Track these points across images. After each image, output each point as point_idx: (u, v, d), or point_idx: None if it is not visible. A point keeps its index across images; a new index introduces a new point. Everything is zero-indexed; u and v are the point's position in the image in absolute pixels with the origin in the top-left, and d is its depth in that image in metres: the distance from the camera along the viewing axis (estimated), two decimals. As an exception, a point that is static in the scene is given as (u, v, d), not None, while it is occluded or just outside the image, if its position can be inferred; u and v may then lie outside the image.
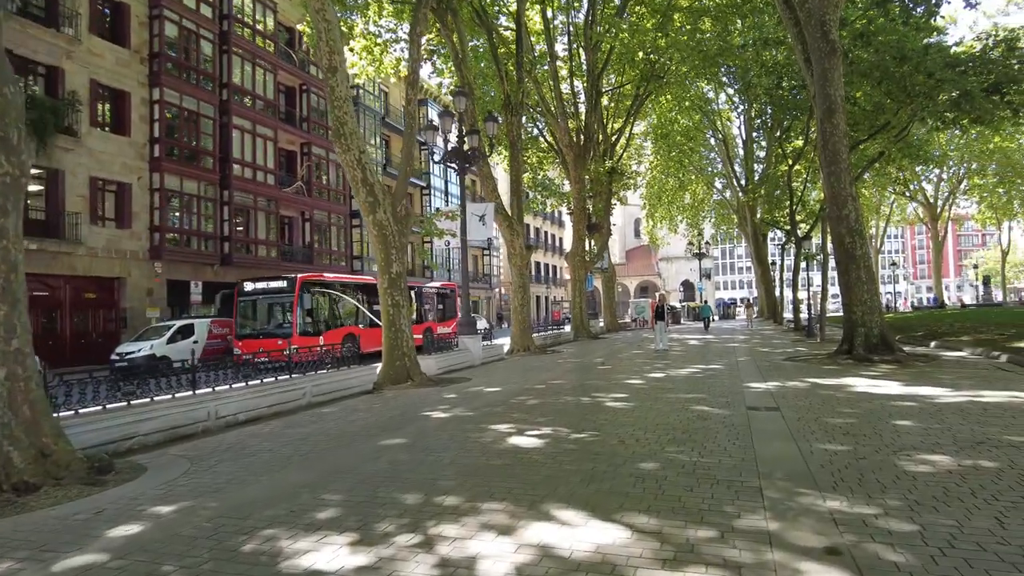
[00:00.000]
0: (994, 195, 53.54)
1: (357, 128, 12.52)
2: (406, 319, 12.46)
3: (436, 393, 10.49)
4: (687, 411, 7.64)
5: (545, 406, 8.40)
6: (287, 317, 17.08)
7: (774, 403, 8.11)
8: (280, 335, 16.35)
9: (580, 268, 27.55)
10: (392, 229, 12.54)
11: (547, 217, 67.41)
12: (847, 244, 13.51)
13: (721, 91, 40.29)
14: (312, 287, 17.96)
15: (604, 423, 6.97)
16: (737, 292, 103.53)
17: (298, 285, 17.09)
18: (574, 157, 26.43)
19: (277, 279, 18.09)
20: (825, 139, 13.73)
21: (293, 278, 17.49)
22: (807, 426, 6.51)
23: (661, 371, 12.50)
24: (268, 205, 28.96)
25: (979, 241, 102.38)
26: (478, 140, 16.58)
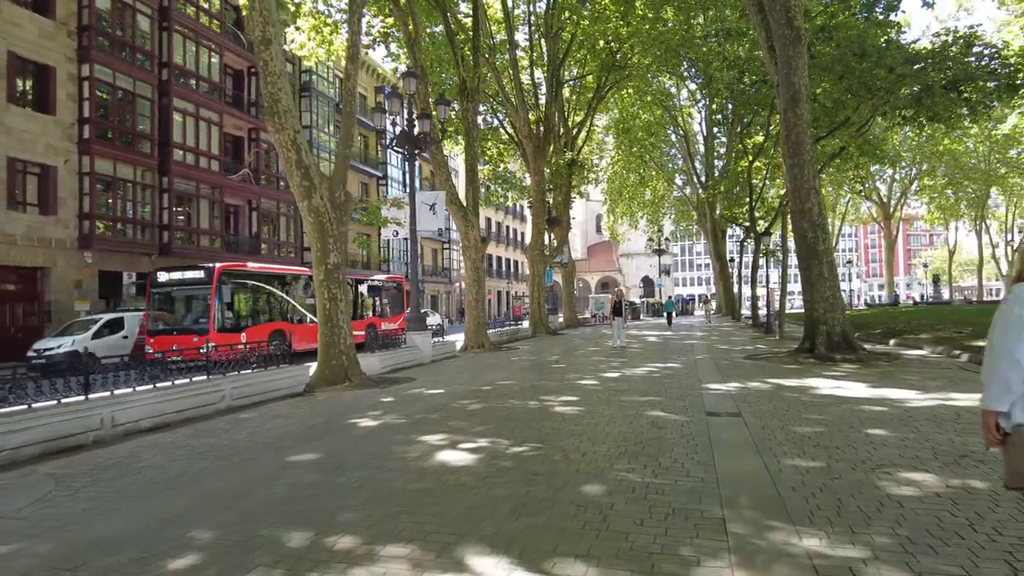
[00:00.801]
0: (943, 196, 54.94)
1: (293, 106, 11.50)
2: (344, 314, 11.51)
3: (373, 396, 9.60)
4: (641, 417, 6.93)
5: (488, 412, 7.60)
6: (204, 311, 15.47)
7: (735, 407, 7.48)
8: (196, 331, 14.89)
9: (539, 262, 26.84)
10: (329, 216, 11.56)
11: (508, 211, 66.64)
12: (809, 239, 13.06)
13: (683, 86, 40.19)
14: (233, 278, 16.34)
15: (549, 432, 6.20)
16: (696, 289, 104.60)
17: (216, 275, 15.41)
18: (533, 148, 25.68)
19: (193, 268, 16.37)
20: (788, 129, 13.24)
21: (211, 267, 15.82)
22: (773, 435, 5.86)
23: (616, 370, 11.83)
24: (212, 193, 27.43)
25: (927, 241, 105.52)
26: (430, 125, 15.68)
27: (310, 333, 16.15)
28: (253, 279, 17.42)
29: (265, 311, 17.73)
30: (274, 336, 16.28)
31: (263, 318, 17.40)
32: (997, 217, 65.85)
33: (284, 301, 18.17)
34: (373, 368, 12.87)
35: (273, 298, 17.96)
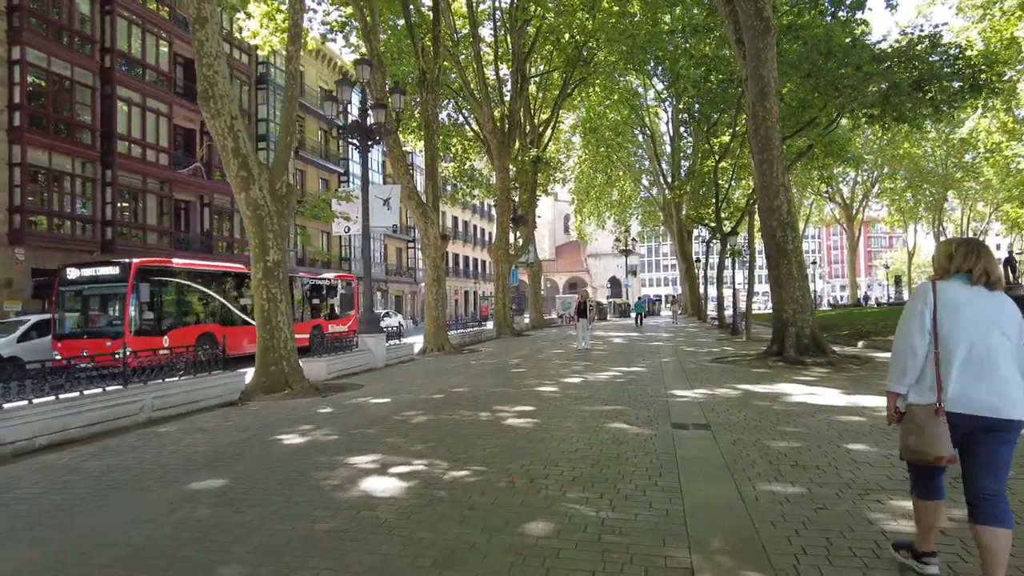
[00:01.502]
0: (902, 199, 55.96)
1: (230, 90, 10.59)
2: (285, 316, 10.63)
3: (311, 406, 8.76)
4: (601, 431, 6.26)
5: (432, 426, 6.84)
6: (119, 312, 14.05)
7: (703, 418, 6.87)
8: (110, 334, 13.56)
9: (504, 261, 26.14)
10: (269, 209, 10.68)
11: (476, 210, 65.88)
12: (778, 237, 12.61)
13: (650, 86, 39.95)
14: (153, 275, 14.82)
15: (497, 452, 5.48)
16: (662, 289, 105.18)
17: (133, 272, 13.94)
18: (498, 144, 24.98)
19: (107, 264, 14.79)
20: (757, 124, 12.77)
21: (127, 263, 14.27)
22: (745, 453, 5.24)
23: (579, 375, 11.18)
24: (161, 188, 26.09)
25: (887, 243, 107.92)
26: (385, 116, 14.84)
27: (247, 336, 15.02)
28: (178, 276, 15.90)
29: (192, 312, 16.26)
30: (203, 340, 15.00)
31: (190, 320, 15.97)
32: (953, 220, 67.46)
33: (216, 301, 16.74)
34: (319, 374, 11.99)
35: (202, 298, 16.52)
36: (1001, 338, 2.55)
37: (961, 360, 2.56)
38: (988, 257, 2.67)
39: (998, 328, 2.56)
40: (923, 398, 2.63)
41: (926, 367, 2.63)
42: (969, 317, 2.57)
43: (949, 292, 2.64)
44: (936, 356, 2.60)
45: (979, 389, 2.53)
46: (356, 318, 21.84)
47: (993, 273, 2.65)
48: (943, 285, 2.68)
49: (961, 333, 2.57)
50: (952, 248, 2.75)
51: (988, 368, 2.53)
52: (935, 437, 2.56)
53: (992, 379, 2.52)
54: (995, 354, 2.53)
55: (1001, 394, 2.51)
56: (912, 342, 2.64)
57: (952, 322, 2.59)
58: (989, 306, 2.60)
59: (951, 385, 2.56)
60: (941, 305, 2.62)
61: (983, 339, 2.55)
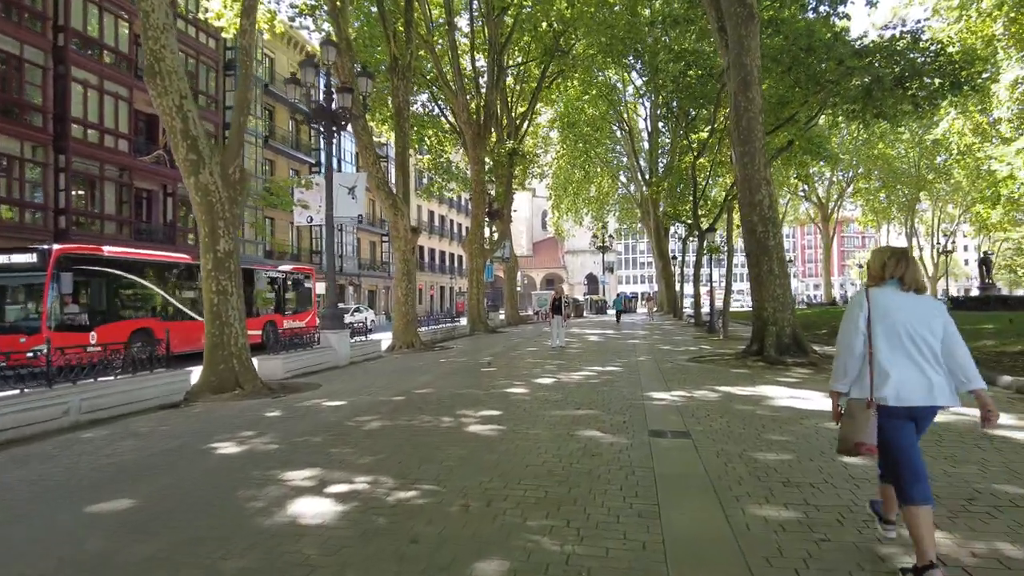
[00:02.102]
0: (876, 199, 56.51)
1: (180, 66, 9.79)
2: (236, 310, 9.89)
3: (260, 408, 8.06)
4: (572, 440, 5.68)
5: (387, 433, 6.20)
6: (36, 305, 12.55)
7: (683, 424, 6.33)
8: (24, 330, 12.07)
9: (478, 256, 25.49)
10: (220, 196, 9.92)
11: (453, 204, 65.09)
12: (759, 233, 12.16)
13: (629, 82, 39.57)
14: (78, 264, 13.20)
15: (454, 465, 4.86)
16: (639, 286, 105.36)
17: (53, 260, 12.39)
18: (473, 136, 24.30)
19: (22, 251, 13.10)
20: (739, 115, 12.29)
21: (45, 250, 12.73)
22: (731, 467, 4.70)
23: (552, 375, 10.60)
24: (120, 175, 24.96)
25: (860, 243, 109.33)
26: (352, 101, 14.12)
27: (194, 332, 14.00)
28: (110, 266, 14.25)
29: (127, 306, 14.83)
30: (138, 336, 13.91)
31: (124, 314, 14.53)
32: (924, 221, 68.41)
33: (155, 294, 15.50)
34: (275, 373, 11.27)
35: (139, 291, 15.20)
36: (927, 336, 2.83)
37: (896, 357, 2.84)
38: (915, 265, 2.97)
39: (924, 326, 2.84)
40: (862, 393, 2.91)
41: (864, 366, 2.91)
42: (901, 319, 2.85)
43: (882, 297, 2.93)
44: (871, 355, 2.87)
45: (912, 381, 2.81)
46: (315, 313, 20.90)
47: (919, 280, 2.95)
48: (876, 291, 2.97)
49: (893, 334, 2.85)
50: (885, 257, 3.00)
51: (918, 362, 2.82)
52: (863, 427, 2.87)
53: (921, 372, 2.81)
54: (922, 350, 2.83)
55: (930, 384, 2.80)
56: (851, 344, 2.93)
57: (885, 324, 2.87)
58: (917, 308, 2.87)
59: (888, 380, 2.82)
60: (874, 309, 2.91)
61: (912, 339, 2.83)
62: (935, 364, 2.84)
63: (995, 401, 6.26)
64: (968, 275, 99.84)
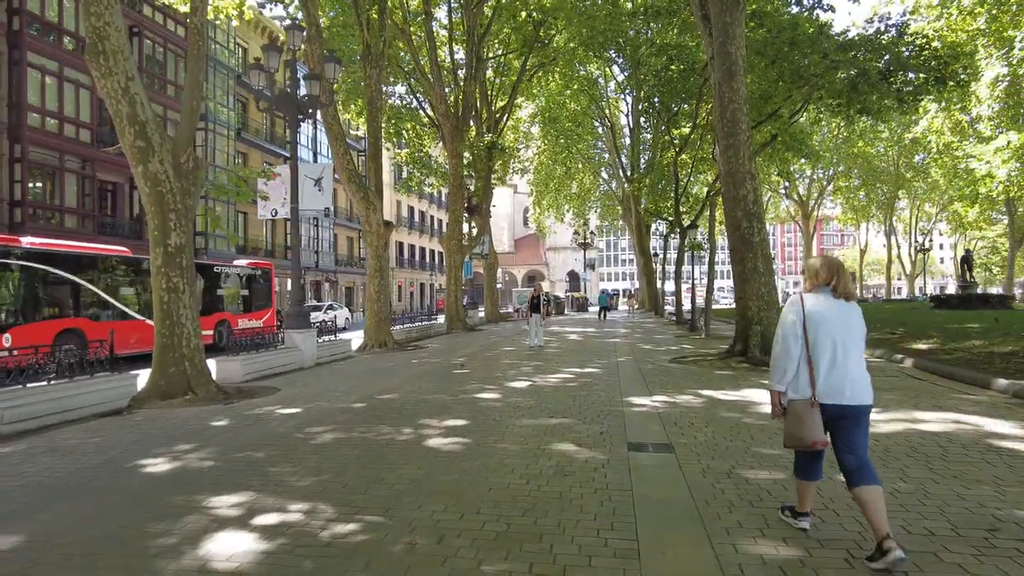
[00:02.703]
0: (855, 197, 56.80)
1: (125, 45, 9.07)
2: (188, 309, 9.20)
3: (208, 416, 7.40)
4: (543, 456, 5.12)
5: (337, 447, 5.60)
6: None
7: (665, 435, 5.80)
8: None
9: (457, 252, 24.86)
10: (172, 186, 9.21)
11: (433, 200, 64.35)
12: (743, 229, 11.69)
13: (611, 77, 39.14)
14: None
15: (405, 490, 4.28)
16: (620, 284, 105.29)
17: None
18: (451, 128, 23.65)
19: None
20: (723, 106, 11.81)
21: None
22: (719, 489, 4.17)
23: (527, 377, 10.04)
24: (82, 167, 23.99)
25: (839, 240, 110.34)
26: (320, 88, 13.44)
27: (134, 333, 13.11)
28: (28, 260, 12.76)
29: (51, 304, 13.48)
30: (65, 337, 12.70)
31: (48, 313, 13.21)
32: (902, 220, 68.99)
33: (87, 291, 14.00)
34: (234, 375, 10.60)
35: (66, 287, 13.77)
36: (853, 340, 3.09)
37: (827, 360, 3.05)
38: (845, 273, 3.19)
39: (850, 333, 3.09)
40: (800, 394, 3.11)
41: (800, 367, 3.11)
42: (831, 324, 3.07)
43: (816, 304, 3.14)
44: (808, 358, 3.08)
45: (840, 383, 3.03)
46: (274, 312, 20.07)
47: (849, 289, 3.18)
48: (809, 297, 3.18)
49: (825, 338, 3.06)
50: (819, 265, 3.22)
51: (845, 366, 3.05)
52: (811, 426, 3.04)
53: (848, 375, 3.04)
54: (850, 355, 3.06)
55: (855, 387, 3.05)
56: (788, 348, 3.13)
57: (817, 329, 3.08)
58: (844, 315, 3.12)
59: (820, 381, 3.05)
60: (808, 315, 3.11)
61: (841, 342, 3.06)
62: (860, 366, 3.11)
63: (993, 407, 6.33)
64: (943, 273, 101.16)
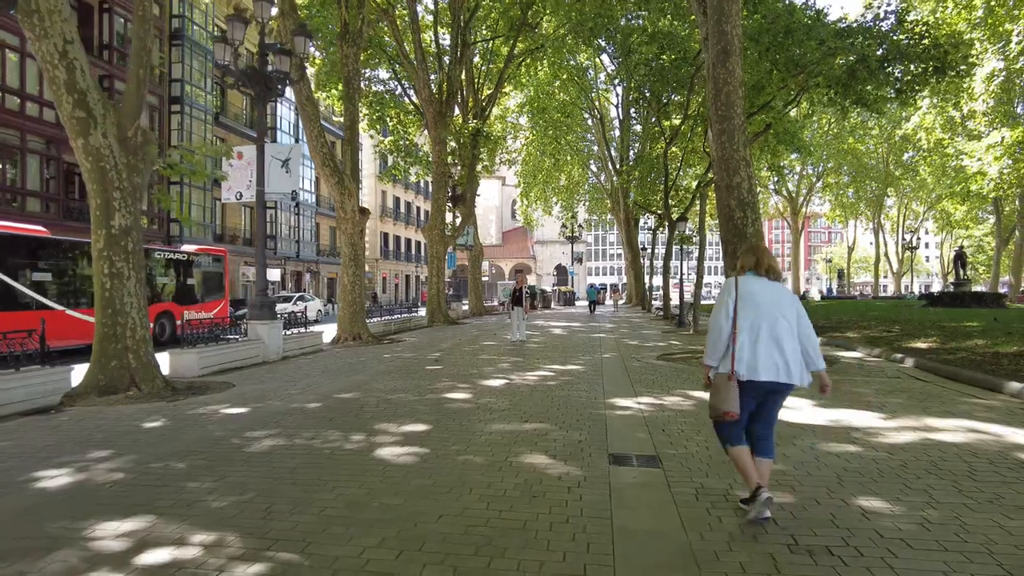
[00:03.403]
0: (844, 194, 56.62)
1: (64, 4, 8.19)
2: (134, 296, 8.38)
3: (144, 415, 6.62)
4: (509, 471, 4.41)
5: (272, 457, 4.85)
6: None
7: (651, 445, 5.12)
8: None
9: (439, 243, 24.09)
10: (116, 162, 8.38)
11: (419, 190, 63.46)
12: (736, 219, 11.01)
13: (601, 68, 38.42)
14: None
15: (336, 516, 3.54)
16: (608, 278, 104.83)
17: None
18: (434, 114, 22.84)
19: None
20: (717, 88, 11.10)
21: None
22: (716, 517, 3.48)
23: (504, 375, 9.33)
24: (46, 148, 22.96)
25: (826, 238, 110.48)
26: (290, 65, 12.61)
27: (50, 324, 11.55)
28: None
29: None
30: None
31: None
32: (890, 217, 68.93)
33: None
34: (189, 369, 9.81)
35: None
36: (784, 320, 3.34)
37: (756, 338, 3.31)
38: (769, 257, 3.52)
39: (781, 312, 3.35)
40: (724, 367, 3.36)
41: (729, 343, 3.36)
42: (760, 304, 3.35)
43: (746, 285, 3.42)
44: (734, 335, 3.34)
45: (770, 360, 3.28)
46: (227, 303, 18.91)
47: (773, 266, 3.50)
48: (742, 279, 3.46)
49: (756, 317, 3.33)
50: (746, 251, 3.58)
51: (776, 344, 3.30)
52: (727, 397, 3.29)
53: (779, 352, 3.29)
54: (780, 333, 3.32)
55: (786, 364, 3.29)
56: (719, 326, 3.39)
57: (748, 309, 3.34)
58: (774, 295, 3.40)
59: (747, 357, 3.29)
60: (740, 296, 3.38)
61: (772, 321, 3.32)
62: (790, 346, 3.27)
63: (1009, 413, 5.98)
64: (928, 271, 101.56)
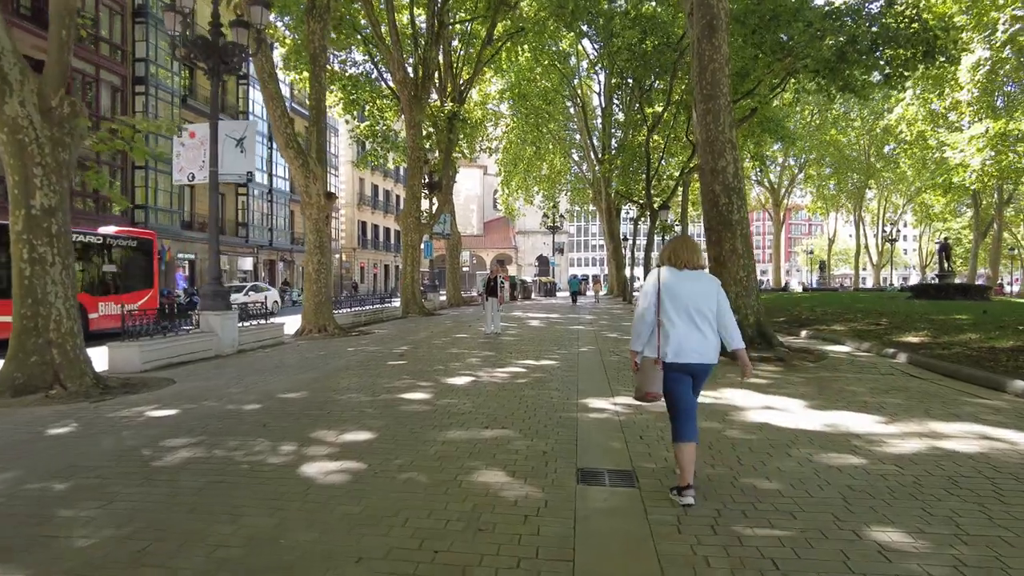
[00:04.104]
0: (825, 186, 56.58)
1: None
2: (59, 285, 7.54)
3: (54, 420, 5.82)
4: (457, 494, 3.71)
5: (181, 475, 4.11)
6: None
7: (627, 456, 4.45)
8: None
9: (414, 231, 23.26)
10: (37, 135, 7.52)
11: (398, 178, 62.26)
12: (722, 205, 10.39)
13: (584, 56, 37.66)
14: None
15: (225, 561, 2.82)
16: (590, 269, 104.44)
17: None
18: (409, 97, 21.97)
19: None
20: (703, 65, 10.44)
21: None
22: (703, 558, 2.82)
23: (472, 371, 8.63)
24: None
25: (807, 230, 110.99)
26: (248, 38, 11.73)
27: None
28: None
29: None
30: None
31: None
32: (870, 210, 69.12)
33: None
34: (130, 364, 9.00)
35: None
36: (704, 307, 3.53)
37: (677, 323, 3.50)
38: (688, 249, 3.65)
39: (701, 299, 3.53)
40: (650, 352, 3.56)
41: (655, 330, 3.54)
42: (681, 293, 3.51)
43: (668, 275, 3.60)
44: (659, 322, 3.52)
45: (690, 344, 3.48)
46: (156, 293, 16.62)
47: (692, 260, 3.62)
48: (664, 270, 3.63)
49: (679, 304, 3.51)
50: (667, 243, 3.77)
51: (697, 329, 3.51)
52: (651, 379, 3.51)
53: (701, 337, 3.51)
54: (701, 320, 3.51)
55: (706, 347, 3.52)
56: (644, 313, 3.57)
57: (671, 297, 3.52)
58: (695, 284, 3.56)
59: (672, 342, 3.49)
60: (663, 285, 3.56)
61: (695, 308, 3.51)
62: (710, 330, 3.54)
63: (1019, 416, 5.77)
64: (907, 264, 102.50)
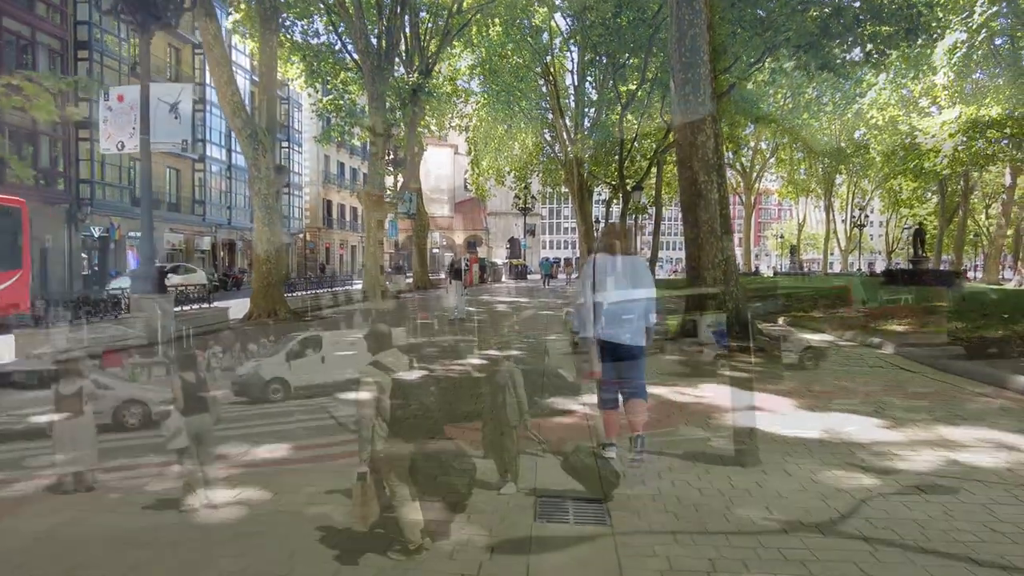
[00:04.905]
0: (795, 171, 56.67)
1: None
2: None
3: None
4: (365, 547, 2.90)
5: None
6: None
7: (596, 476, 3.69)
8: None
9: (376, 208, 22.14)
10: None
11: (366, 156, 60.54)
12: (700, 183, 9.63)
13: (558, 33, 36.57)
14: None
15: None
16: (562, 252, 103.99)
17: None
18: (371, 68, 20.78)
19: None
20: (681, 32, 9.63)
21: None
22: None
23: (425, 364, 7.78)
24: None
25: (776, 215, 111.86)
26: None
27: None
28: None
29: None
30: None
31: None
32: (839, 195, 69.63)
33: None
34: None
35: None
36: (631, 290, 3.92)
37: (609, 306, 3.88)
38: (619, 236, 4.16)
39: (630, 284, 3.97)
40: (589, 334, 3.94)
41: (592, 313, 3.89)
42: (616, 278, 3.93)
43: (601, 261, 4.01)
44: (594, 305, 3.88)
45: (617, 326, 3.87)
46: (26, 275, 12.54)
47: (623, 247, 4.10)
48: (599, 257, 4.06)
49: (609, 290, 3.89)
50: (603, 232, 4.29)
51: (629, 312, 3.92)
52: (592, 359, 3.88)
53: (625, 319, 3.89)
54: (634, 302, 3.91)
55: (631, 330, 3.92)
56: (585, 299, 3.94)
57: (603, 282, 3.92)
58: (626, 268, 4.01)
59: (604, 324, 3.88)
60: (598, 271, 3.97)
61: (622, 292, 3.90)
62: (640, 312, 3.94)
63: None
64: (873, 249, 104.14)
